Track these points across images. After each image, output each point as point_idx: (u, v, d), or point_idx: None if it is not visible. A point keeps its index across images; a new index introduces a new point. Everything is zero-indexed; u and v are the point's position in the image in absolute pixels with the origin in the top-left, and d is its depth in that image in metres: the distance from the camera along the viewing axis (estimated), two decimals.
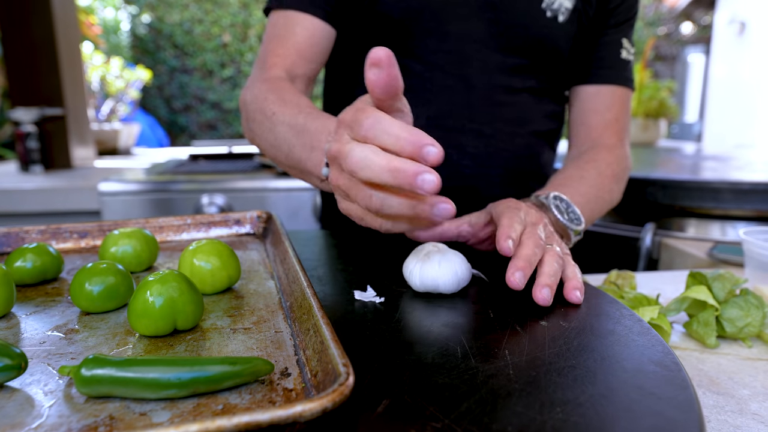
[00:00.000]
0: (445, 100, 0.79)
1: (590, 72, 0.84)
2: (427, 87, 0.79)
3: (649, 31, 6.23)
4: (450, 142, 0.80)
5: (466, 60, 0.78)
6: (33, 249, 0.51)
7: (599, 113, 0.83)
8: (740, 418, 0.42)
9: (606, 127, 0.83)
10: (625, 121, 0.85)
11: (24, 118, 1.95)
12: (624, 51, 0.83)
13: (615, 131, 0.83)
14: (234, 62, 6.01)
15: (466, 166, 0.82)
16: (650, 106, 2.58)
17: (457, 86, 0.79)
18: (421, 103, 0.79)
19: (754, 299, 0.55)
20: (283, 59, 0.73)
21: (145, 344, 0.39)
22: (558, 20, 0.77)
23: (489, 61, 0.79)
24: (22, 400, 0.31)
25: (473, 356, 0.37)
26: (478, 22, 0.77)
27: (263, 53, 0.76)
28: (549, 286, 0.48)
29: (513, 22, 0.77)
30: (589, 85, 0.84)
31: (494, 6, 0.76)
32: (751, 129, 4.36)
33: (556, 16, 0.77)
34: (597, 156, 0.80)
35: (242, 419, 0.25)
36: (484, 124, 0.81)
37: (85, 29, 3.40)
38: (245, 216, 0.70)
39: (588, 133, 0.84)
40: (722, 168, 1.48)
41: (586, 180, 0.74)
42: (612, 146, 0.82)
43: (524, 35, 0.78)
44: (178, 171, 1.83)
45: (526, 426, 0.29)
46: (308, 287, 0.41)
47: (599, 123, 0.83)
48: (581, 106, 0.85)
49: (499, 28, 0.77)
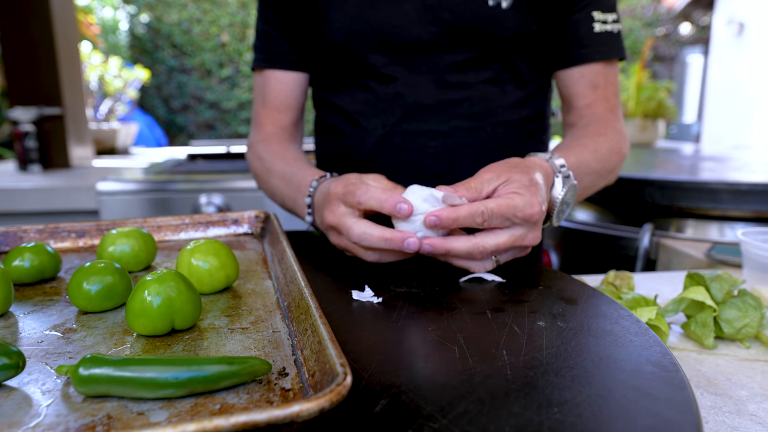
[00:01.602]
0: (399, 107, 0.82)
1: (568, 54, 0.82)
2: (381, 98, 0.82)
3: (648, 32, 6.24)
4: (409, 146, 0.82)
5: (416, 66, 0.80)
6: (31, 248, 0.51)
7: (585, 95, 0.83)
8: (738, 419, 0.42)
9: (596, 106, 0.82)
10: (615, 97, 0.84)
11: (22, 118, 1.95)
12: (597, 24, 0.80)
13: (606, 108, 0.82)
14: (232, 62, 6.01)
15: (428, 167, 0.83)
16: (648, 106, 2.58)
17: (410, 92, 0.81)
18: (377, 114, 0.83)
19: (752, 300, 0.55)
20: (268, 118, 0.89)
21: (142, 344, 0.39)
22: (501, 7, 0.77)
23: (438, 62, 0.80)
24: (20, 399, 0.31)
25: (471, 357, 0.37)
26: (421, 27, 0.78)
27: (254, 114, 0.92)
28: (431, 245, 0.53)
29: (455, 18, 0.77)
30: (571, 69, 0.82)
31: (434, 8, 0.77)
32: (750, 130, 4.37)
33: (499, 3, 0.77)
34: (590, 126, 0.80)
35: (239, 419, 0.25)
36: (440, 123, 0.82)
37: (84, 29, 3.40)
38: (243, 216, 0.70)
39: (579, 115, 0.84)
40: (720, 169, 1.48)
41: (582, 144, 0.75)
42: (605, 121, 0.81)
43: (468, 29, 0.78)
44: (176, 171, 1.82)
45: (523, 426, 0.29)
46: (306, 287, 0.41)
47: (588, 104, 0.83)
48: (567, 92, 0.85)
49: (442, 28, 0.77)
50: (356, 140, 0.85)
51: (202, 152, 2.25)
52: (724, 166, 1.54)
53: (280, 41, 0.86)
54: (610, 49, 0.81)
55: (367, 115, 0.84)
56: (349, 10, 0.79)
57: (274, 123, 0.89)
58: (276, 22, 0.85)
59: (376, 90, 0.82)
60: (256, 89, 0.92)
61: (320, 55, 0.85)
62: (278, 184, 0.80)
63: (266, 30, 0.87)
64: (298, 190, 0.73)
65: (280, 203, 0.81)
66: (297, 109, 0.92)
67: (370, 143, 0.84)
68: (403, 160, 0.83)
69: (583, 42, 0.80)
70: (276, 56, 0.87)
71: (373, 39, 0.79)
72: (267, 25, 0.87)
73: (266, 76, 0.88)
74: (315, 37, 0.83)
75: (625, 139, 0.82)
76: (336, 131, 0.88)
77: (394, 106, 0.82)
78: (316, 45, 0.83)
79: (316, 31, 0.82)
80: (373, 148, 0.84)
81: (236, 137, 5.89)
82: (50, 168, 2.06)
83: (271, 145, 0.86)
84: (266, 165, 0.83)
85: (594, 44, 0.80)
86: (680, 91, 6.05)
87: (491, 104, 0.83)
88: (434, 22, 0.77)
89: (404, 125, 0.82)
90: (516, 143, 0.86)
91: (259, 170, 0.86)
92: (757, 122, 4.31)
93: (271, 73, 0.88)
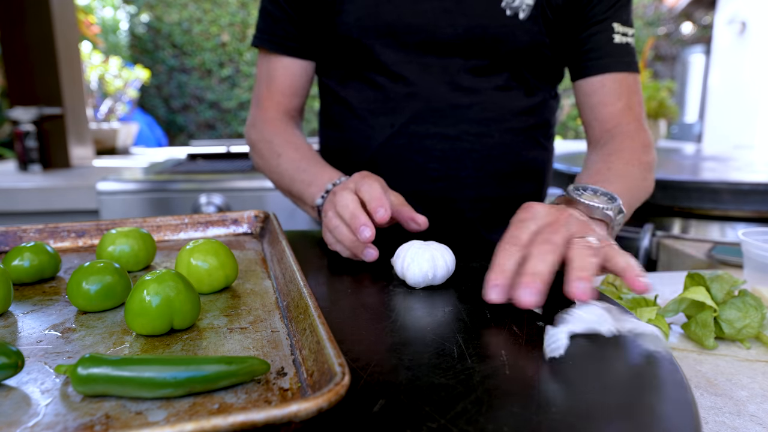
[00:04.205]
0: (409, 107, 0.81)
1: (587, 65, 0.80)
2: (391, 97, 0.82)
3: (649, 31, 6.23)
4: (416, 148, 0.82)
5: (427, 67, 0.80)
6: (30, 248, 0.51)
7: (610, 104, 0.80)
8: (738, 420, 0.42)
9: (621, 116, 0.79)
10: (639, 106, 0.81)
11: (22, 118, 1.95)
12: (617, 36, 0.79)
13: (632, 118, 0.79)
14: (232, 61, 6.01)
15: (433, 170, 0.83)
16: (650, 106, 2.58)
17: (420, 93, 0.80)
18: (385, 113, 0.82)
19: (753, 300, 0.55)
20: (274, 102, 0.87)
21: (141, 343, 0.38)
22: (518, 17, 0.77)
23: (450, 65, 0.79)
24: (19, 398, 0.31)
25: (469, 356, 0.37)
26: (436, 29, 0.77)
27: (257, 95, 0.90)
28: (582, 279, 0.43)
29: (472, 24, 0.77)
30: (591, 78, 0.80)
31: (451, 11, 0.77)
32: (752, 129, 4.36)
33: (516, 13, 0.76)
34: (621, 146, 0.75)
35: (238, 418, 0.25)
36: (449, 127, 0.81)
37: (84, 28, 3.40)
38: (242, 216, 0.70)
39: (603, 126, 0.80)
40: (722, 169, 1.48)
41: (615, 170, 0.70)
42: (633, 132, 0.78)
43: (483, 36, 0.77)
44: (177, 170, 1.82)
45: (522, 426, 0.29)
46: (305, 287, 0.41)
47: (612, 114, 0.80)
48: (588, 101, 0.82)
49: (457, 31, 0.77)
50: (362, 137, 0.85)
51: (203, 152, 2.25)
52: (726, 166, 1.54)
53: (286, 25, 0.84)
54: (631, 61, 0.80)
55: (375, 113, 0.83)
56: (365, 3, 0.78)
57: (278, 107, 0.87)
58: (284, 5, 0.83)
59: (386, 88, 0.81)
60: (260, 70, 0.89)
61: (330, 46, 0.83)
62: (289, 169, 0.79)
63: (272, 11, 0.84)
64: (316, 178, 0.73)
65: (287, 186, 0.80)
66: (302, 96, 0.90)
67: (376, 142, 0.83)
68: (409, 161, 0.82)
69: (604, 52, 0.79)
70: (281, 40, 0.84)
71: (387, 35, 0.78)
72: (274, 6, 0.83)
73: (273, 61, 0.86)
74: (326, 27, 0.81)
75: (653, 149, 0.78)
76: (341, 125, 0.88)
77: (405, 106, 0.81)
78: (327, 35, 0.82)
79: (327, 21, 0.81)
80: (380, 147, 0.83)
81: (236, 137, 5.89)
82: (50, 168, 2.06)
83: (277, 128, 0.85)
84: (277, 149, 0.82)
85: (615, 54, 0.79)
86: (682, 91, 6.04)
87: (500, 110, 0.82)
88: (450, 25, 0.77)
89: (412, 126, 0.82)
90: (521, 150, 0.86)
91: (265, 151, 0.84)
92: (759, 122, 4.31)
93: (278, 60, 0.86)
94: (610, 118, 0.80)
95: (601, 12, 0.79)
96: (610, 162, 0.72)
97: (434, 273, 0.51)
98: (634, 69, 0.80)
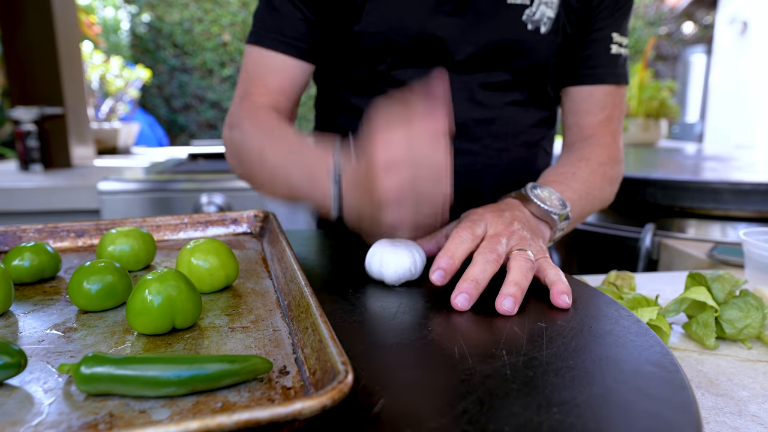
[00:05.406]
0: None
1: (580, 73, 0.81)
2: None
3: (650, 31, 6.23)
4: None
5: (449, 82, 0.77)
6: (30, 248, 0.51)
7: (592, 115, 0.82)
8: (739, 420, 0.42)
9: (600, 127, 0.81)
10: (618, 120, 0.83)
11: (24, 117, 1.95)
12: (614, 46, 0.80)
13: (609, 131, 0.82)
14: (234, 61, 6.01)
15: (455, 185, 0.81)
16: (651, 106, 2.58)
17: None
18: None
19: (754, 300, 0.55)
20: (266, 97, 0.77)
21: (143, 343, 0.39)
22: (540, 32, 0.76)
23: (471, 81, 0.78)
24: (22, 397, 0.31)
25: (470, 356, 0.37)
26: (457, 44, 0.76)
27: (243, 89, 0.78)
28: (511, 295, 0.46)
29: (493, 39, 0.75)
30: (581, 86, 0.82)
31: (473, 24, 0.75)
32: (753, 129, 4.36)
33: (538, 27, 0.75)
34: (590, 154, 0.78)
35: (242, 416, 0.25)
36: (472, 142, 0.81)
37: (85, 28, 3.40)
38: (242, 215, 0.70)
39: (581, 133, 0.83)
40: (723, 168, 1.48)
41: (578, 176, 0.73)
42: (606, 145, 0.80)
43: (505, 51, 0.76)
44: (178, 170, 1.83)
45: (523, 426, 0.29)
46: (306, 286, 0.41)
47: (592, 124, 0.82)
48: (574, 108, 0.83)
49: (478, 47, 0.76)
50: None
51: (204, 152, 2.26)
52: (727, 166, 1.54)
53: (300, 26, 0.76)
54: (622, 73, 0.81)
55: None
56: (387, 14, 0.74)
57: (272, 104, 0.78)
58: (300, 5, 0.76)
59: None
60: (252, 67, 0.79)
61: (345, 53, 0.79)
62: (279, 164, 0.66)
63: (284, 8, 0.76)
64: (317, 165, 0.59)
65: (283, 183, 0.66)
66: (298, 101, 0.83)
67: None
68: None
69: (598, 62, 0.80)
70: (290, 41, 0.77)
71: (409, 48, 0.76)
72: (285, 3, 0.76)
73: (272, 57, 0.77)
74: (344, 34, 0.77)
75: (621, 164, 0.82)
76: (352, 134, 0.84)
77: None
78: (344, 42, 0.77)
79: (346, 28, 0.76)
80: None
81: None
82: (51, 167, 2.06)
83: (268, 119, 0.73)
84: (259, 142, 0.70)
85: (608, 66, 0.80)
86: (683, 91, 6.04)
87: (517, 125, 0.82)
88: (472, 41, 0.75)
89: None
90: (533, 162, 0.86)
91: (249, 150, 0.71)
92: (760, 122, 4.30)
93: (282, 59, 0.77)
94: (589, 127, 0.82)
95: (603, 20, 0.79)
96: (578, 167, 0.75)
97: (415, 267, 0.53)
98: (624, 81, 0.82)
